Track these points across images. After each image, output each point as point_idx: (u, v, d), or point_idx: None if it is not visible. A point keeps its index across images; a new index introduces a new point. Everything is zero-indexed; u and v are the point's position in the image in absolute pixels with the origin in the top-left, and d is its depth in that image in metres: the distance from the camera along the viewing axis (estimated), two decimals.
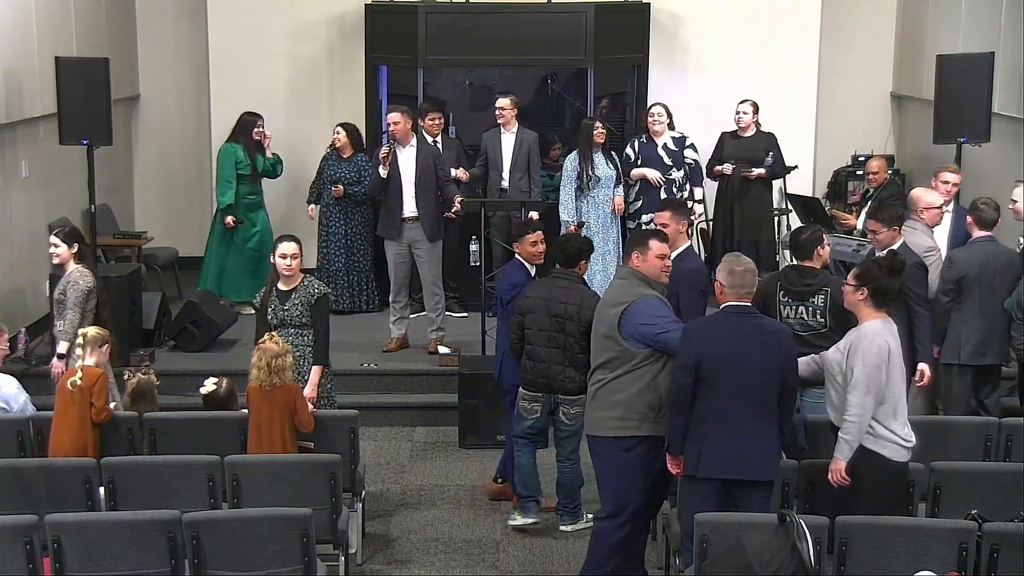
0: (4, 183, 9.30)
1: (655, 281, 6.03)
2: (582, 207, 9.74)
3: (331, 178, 10.17)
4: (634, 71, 11.01)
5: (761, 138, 10.47)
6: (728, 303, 5.66)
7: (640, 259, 6.02)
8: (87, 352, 6.42)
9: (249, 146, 10.17)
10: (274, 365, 6.32)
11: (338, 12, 11.44)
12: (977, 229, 7.51)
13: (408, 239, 9.22)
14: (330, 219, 10.28)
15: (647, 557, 6.37)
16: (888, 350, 5.52)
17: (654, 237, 6.13)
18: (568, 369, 6.81)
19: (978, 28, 10.38)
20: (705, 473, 5.56)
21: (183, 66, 12.19)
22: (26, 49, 9.50)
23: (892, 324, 5.66)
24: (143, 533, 5.19)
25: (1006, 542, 5.16)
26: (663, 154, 10.03)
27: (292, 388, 6.43)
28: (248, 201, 10.26)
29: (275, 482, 5.91)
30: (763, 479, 5.60)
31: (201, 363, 9.02)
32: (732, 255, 5.91)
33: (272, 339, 6.48)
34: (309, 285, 7.05)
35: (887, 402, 5.53)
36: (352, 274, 10.35)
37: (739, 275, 5.63)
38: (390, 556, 6.90)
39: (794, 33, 11.45)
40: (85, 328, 6.60)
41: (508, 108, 9.92)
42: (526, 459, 7.15)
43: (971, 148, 9.45)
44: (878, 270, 5.66)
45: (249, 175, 10.20)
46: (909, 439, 5.60)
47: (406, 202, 9.16)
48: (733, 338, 5.55)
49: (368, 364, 9.12)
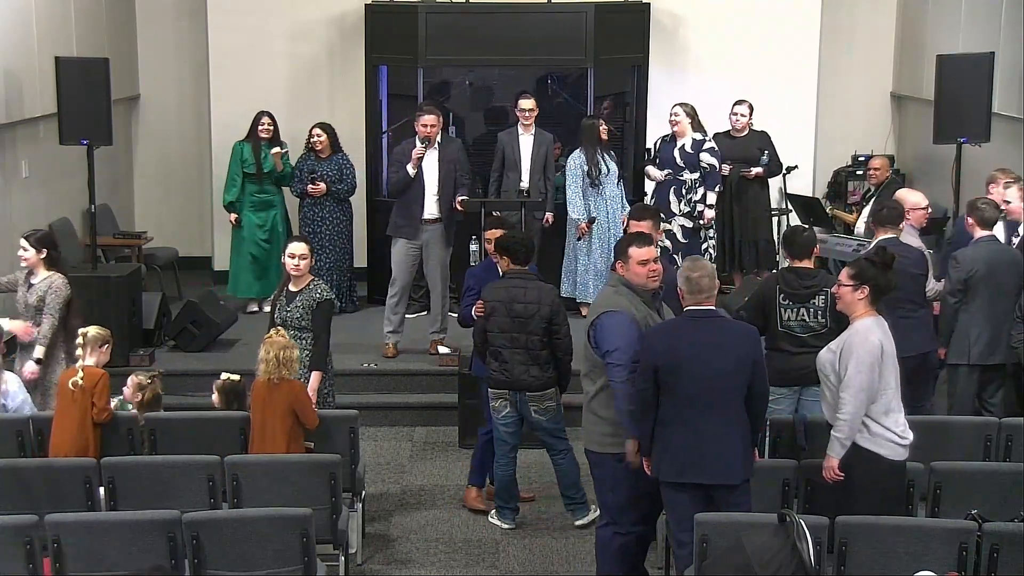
0: (4, 183, 9.31)
1: (643, 289, 5.92)
2: (591, 204, 9.78)
3: (311, 178, 10.15)
4: (634, 71, 11.00)
5: (755, 137, 10.47)
6: (689, 307, 5.66)
7: (623, 268, 5.94)
8: (87, 352, 6.42)
9: (256, 145, 10.18)
10: (282, 357, 6.30)
11: (338, 12, 11.44)
12: (979, 229, 7.51)
13: (424, 240, 9.22)
14: (314, 219, 10.26)
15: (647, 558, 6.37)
16: (881, 348, 5.53)
17: (634, 243, 5.97)
18: (532, 367, 6.87)
19: (978, 28, 10.38)
20: (666, 476, 5.58)
21: (183, 66, 12.19)
22: (26, 49, 9.50)
23: (883, 322, 5.67)
24: (143, 533, 5.19)
25: (1006, 542, 5.16)
26: (677, 155, 9.95)
27: (296, 385, 6.42)
28: (255, 200, 10.26)
29: (275, 482, 5.91)
30: (726, 482, 5.54)
31: (201, 363, 9.02)
32: (689, 260, 5.93)
33: (278, 333, 6.49)
34: (314, 288, 7.05)
35: (880, 400, 5.53)
36: (335, 273, 10.35)
37: (695, 281, 5.61)
38: (390, 556, 6.90)
39: (794, 33, 11.45)
40: (85, 328, 6.59)
41: (534, 109, 9.89)
42: (506, 470, 7.16)
43: (971, 148, 9.44)
44: (874, 267, 5.66)
45: (254, 174, 10.21)
46: (906, 436, 5.60)
47: (427, 203, 9.15)
48: (690, 342, 5.53)
49: (368, 364, 9.12)
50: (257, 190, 10.26)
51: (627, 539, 5.98)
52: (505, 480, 7.17)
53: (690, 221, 9.95)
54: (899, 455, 5.59)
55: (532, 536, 7.15)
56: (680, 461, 5.52)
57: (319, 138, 10.18)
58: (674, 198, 9.97)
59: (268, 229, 10.29)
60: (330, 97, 11.50)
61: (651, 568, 6.41)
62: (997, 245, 7.54)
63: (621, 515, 5.94)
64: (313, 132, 10.23)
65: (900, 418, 5.62)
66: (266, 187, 10.29)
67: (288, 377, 6.33)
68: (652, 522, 6.13)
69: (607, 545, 6.03)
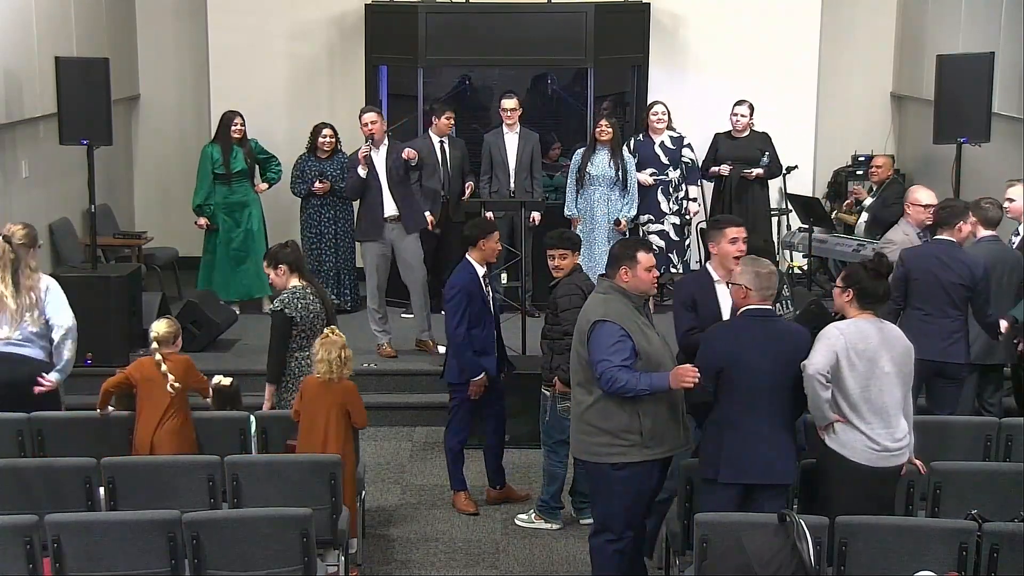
0: (4, 183, 9.30)
1: (637, 296, 5.84)
2: (581, 203, 9.81)
3: (318, 177, 10.16)
4: (634, 71, 11.01)
5: (756, 138, 10.49)
6: (749, 307, 5.62)
7: (629, 274, 5.80)
8: (163, 349, 6.39)
9: (226, 145, 10.15)
10: (343, 357, 6.32)
11: (338, 12, 11.44)
12: (982, 228, 7.49)
13: (390, 239, 9.25)
14: (320, 219, 10.27)
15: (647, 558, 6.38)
16: (846, 346, 5.45)
17: (642, 248, 5.92)
18: (556, 358, 6.89)
19: (978, 28, 10.38)
20: (725, 478, 5.55)
21: (183, 66, 12.19)
22: (26, 49, 9.50)
23: (873, 325, 5.57)
24: (143, 533, 5.19)
25: (1006, 542, 5.15)
26: (660, 152, 10.07)
27: (350, 384, 6.40)
28: (229, 201, 10.22)
29: (275, 482, 5.90)
30: (781, 482, 5.60)
31: (201, 363, 8.87)
32: (751, 258, 5.85)
33: (334, 332, 6.44)
34: (279, 297, 6.88)
35: (846, 400, 5.49)
36: (342, 273, 10.36)
37: (765, 277, 5.59)
38: (390, 556, 6.90)
39: (794, 33, 11.45)
40: (157, 325, 6.54)
41: (516, 109, 9.93)
42: (563, 469, 7.20)
43: (971, 148, 9.44)
44: (862, 272, 5.65)
45: (224, 174, 10.18)
46: (881, 443, 5.50)
47: (386, 202, 9.22)
48: (753, 343, 5.52)
49: (368, 364, 9.13)
50: (229, 191, 10.22)
51: (621, 545, 5.94)
52: (562, 480, 7.22)
53: (679, 219, 10.19)
54: (867, 460, 5.50)
55: (532, 536, 7.15)
56: (740, 462, 5.51)
57: (329, 139, 10.19)
58: (662, 198, 10.12)
59: (243, 230, 10.26)
60: (330, 97, 11.50)
61: (651, 569, 6.41)
62: (999, 245, 7.52)
63: (614, 522, 5.88)
64: (324, 133, 10.23)
65: (886, 423, 5.50)
66: (237, 187, 10.23)
67: (347, 375, 6.35)
68: (644, 526, 6.09)
69: (602, 552, 5.95)
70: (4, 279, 6.65)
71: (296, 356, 6.80)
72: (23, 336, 6.69)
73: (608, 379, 5.56)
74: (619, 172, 9.71)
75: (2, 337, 6.66)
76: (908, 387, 5.63)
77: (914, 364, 5.68)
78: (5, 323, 6.66)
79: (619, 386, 5.55)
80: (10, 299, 6.63)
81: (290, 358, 6.81)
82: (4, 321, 6.66)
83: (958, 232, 7.13)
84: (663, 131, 10.10)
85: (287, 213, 10.81)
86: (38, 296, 6.72)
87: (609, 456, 5.72)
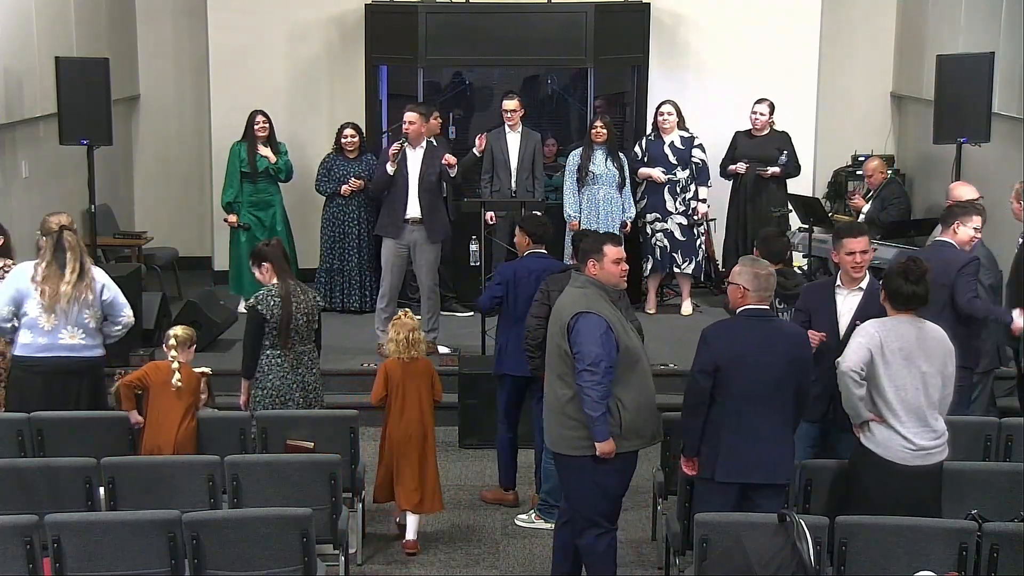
0: (4, 183, 9.30)
1: (612, 288, 5.86)
2: (581, 203, 9.82)
3: (345, 177, 10.17)
4: (634, 71, 11.01)
5: (775, 137, 10.48)
6: (746, 307, 5.61)
7: (597, 267, 5.82)
8: (180, 353, 6.45)
9: (252, 144, 10.18)
10: (412, 338, 6.75)
11: (338, 12, 11.44)
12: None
13: (409, 241, 9.21)
14: (345, 218, 10.28)
15: (647, 558, 6.36)
16: (880, 343, 5.47)
17: (608, 242, 5.92)
18: None
19: (978, 28, 10.38)
20: (723, 477, 5.55)
21: (183, 66, 12.20)
22: (26, 49, 9.50)
23: (912, 324, 5.54)
24: (143, 533, 5.19)
25: (1006, 542, 5.15)
26: (668, 152, 10.09)
27: (428, 361, 6.88)
28: (252, 200, 10.26)
29: (275, 482, 5.90)
30: (778, 482, 5.61)
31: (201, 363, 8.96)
32: (750, 258, 5.86)
33: (407, 315, 6.90)
34: (255, 294, 6.87)
35: (881, 398, 5.50)
36: (365, 273, 10.37)
37: (764, 279, 5.59)
38: (390, 556, 6.89)
39: (794, 33, 11.46)
40: (174, 329, 6.58)
41: (517, 109, 9.93)
42: None
43: (971, 148, 9.45)
44: (895, 273, 5.61)
45: (249, 173, 10.21)
46: (915, 441, 5.50)
47: (410, 204, 9.14)
48: (750, 343, 5.53)
49: (368, 364, 9.11)
50: (254, 190, 10.25)
51: (611, 538, 5.93)
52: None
53: (686, 219, 10.20)
54: (899, 458, 5.51)
55: (532, 536, 7.14)
56: (739, 462, 5.51)
57: (352, 139, 10.20)
58: (669, 197, 10.16)
59: (267, 228, 10.28)
60: (330, 97, 11.51)
61: (651, 568, 6.41)
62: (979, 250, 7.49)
63: (600, 516, 5.86)
64: (346, 132, 10.23)
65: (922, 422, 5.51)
66: (262, 186, 10.27)
67: (418, 355, 6.78)
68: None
69: (594, 549, 5.91)
70: (74, 268, 6.64)
71: (268, 353, 6.80)
72: (85, 333, 6.70)
73: (596, 381, 5.56)
74: (620, 171, 9.81)
75: (68, 339, 6.66)
76: (949, 388, 5.59)
77: None
78: (62, 314, 6.62)
79: (596, 396, 5.57)
80: (70, 288, 6.60)
81: (262, 354, 6.82)
82: (60, 311, 6.61)
83: (953, 233, 7.08)
84: (672, 131, 10.12)
85: (309, 212, 10.83)
86: (96, 288, 6.74)
87: (591, 449, 5.69)
